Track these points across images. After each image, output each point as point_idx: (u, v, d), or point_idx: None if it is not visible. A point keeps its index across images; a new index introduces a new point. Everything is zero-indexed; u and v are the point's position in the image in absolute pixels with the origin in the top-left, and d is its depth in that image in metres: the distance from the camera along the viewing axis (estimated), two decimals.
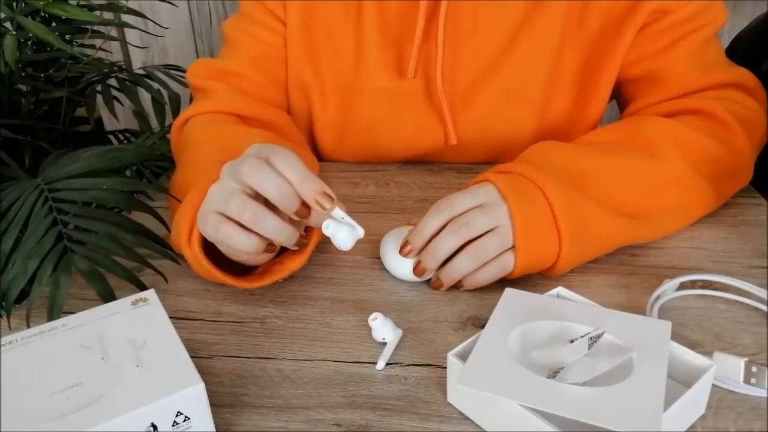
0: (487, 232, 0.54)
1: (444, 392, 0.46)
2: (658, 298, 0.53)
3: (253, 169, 0.48)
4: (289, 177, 0.48)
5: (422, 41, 0.72)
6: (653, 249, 0.62)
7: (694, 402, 0.42)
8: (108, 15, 0.84)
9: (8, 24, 0.76)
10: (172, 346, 0.42)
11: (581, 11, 0.72)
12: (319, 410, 0.45)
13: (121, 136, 1.00)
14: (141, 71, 0.94)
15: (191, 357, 0.41)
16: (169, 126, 0.80)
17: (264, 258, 0.55)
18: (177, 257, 0.56)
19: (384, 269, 0.60)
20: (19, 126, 0.79)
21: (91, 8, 0.79)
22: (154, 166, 0.78)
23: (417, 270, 0.56)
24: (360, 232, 0.50)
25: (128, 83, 0.91)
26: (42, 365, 0.41)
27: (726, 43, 0.87)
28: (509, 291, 0.50)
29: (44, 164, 0.65)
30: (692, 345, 0.49)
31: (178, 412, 0.39)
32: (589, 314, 0.47)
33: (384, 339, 0.51)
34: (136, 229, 0.54)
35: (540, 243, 0.54)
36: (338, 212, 0.50)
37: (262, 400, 0.46)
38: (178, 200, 0.58)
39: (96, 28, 0.83)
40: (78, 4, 0.79)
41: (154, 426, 0.38)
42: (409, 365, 0.49)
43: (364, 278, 0.60)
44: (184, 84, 0.92)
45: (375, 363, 0.49)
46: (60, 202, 0.54)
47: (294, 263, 0.56)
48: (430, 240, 0.56)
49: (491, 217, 0.54)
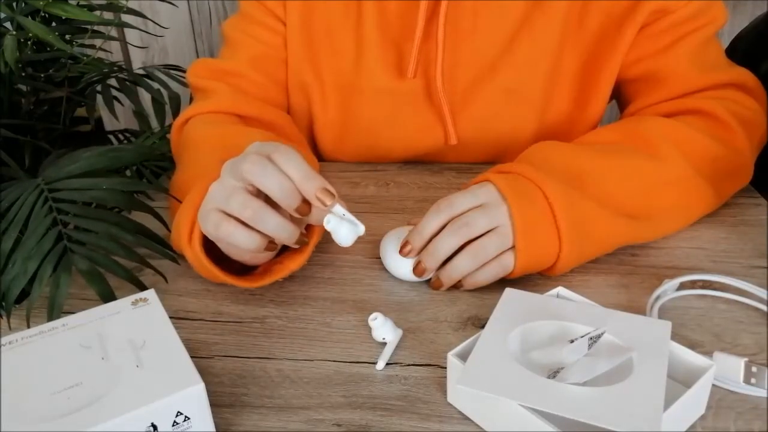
0: (487, 232, 0.54)
1: (444, 392, 0.46)
2: (658, 298, 0.53)
3: (255, 167, 0.48)
4: (291, 174, 0.48)
5: (422, 41, 0.72)
6: (653, 249, 0.62)
7: (694, 402, 0.42)
8: (108, 15, 0.84)
9: (8, 24, 0.76)
10: (172, 346, 0.42)
11: (581, 11, 0.72)
12: (319, 410, 0.45)
13: (121, 136, 1.00)
14: (141, 71, 0.94)
15: (191, 357, 0.41)
16: (169, 126, 0.80)
17: (264, 257, 0.55)
18: (177, 257, 0.56)
19: (384, 269, 0.60)
20: (19, 126, 0.79)
21: (91, 8, 0.79)
22: (154, 166, 0.78)
23: (417, 270, 0.56)
24: (361, 229, 0.50)
25: (128, 83, 0.91)
26: (42, 365, 0.41)
27: (726, 43, 0.87)
28: (509, 291, 0.50)
29: (44, 164, 0.65)
30: (692, 345, 0.49)
31: (178, 412, 0.39)
32: (589, 314, 0.47)
33: (384, 339, 0.51)
34: (136, 229, 0.54)
35: (540, 243, 0.54)
36: (339, 209, 0.50)
37: (262, 400, 0.46)
38: (179, 200, 0.58)
39: (96, 28, 0.83)
40: (78, 4, 0.79)
41: (154, 426, 0.38)
42: (409, 365, 0.49)
43: (364, 278, 0.60)
44: (184, 84, 0.92)
45: (375, 363, 0.49)
46: (60, 202, 0.54)
47: (294, 263, 0.56)
48: (430, 240, 0.56)
49: (491, 217, 0.54)
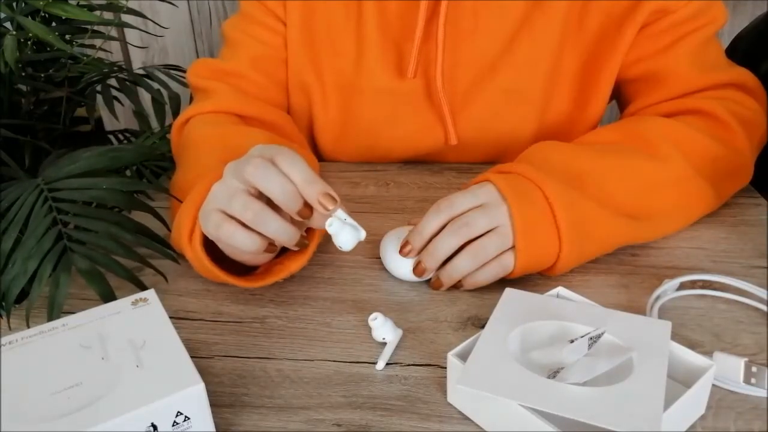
0: (487, 232, 0.54)
1: (444, 392, 0.46)
2: (658, 298, 0.53)
3: (258, 169, 0.48)
4: (294, 178, 0.48)
5: (422, 41, 0.72)
6: (653, 249, 0.62)
7: (694, 402, 0.42)
8: (108, 15, 0.84)
9: (8, 24, 0.76)
10: (172, 346, 0.42)
11: (581, 11, 0.72)
12: (319, 410, 0.45)
13: (121, 136, 0.99)
14: (141, 71, 0.94)
15: (191, 357, 0.41)
16: (169, 126, 0.80)
17: (265, 258, 0.55)
18: (177, 257, 0.56)
19: (384, 269, 0.60)
20: (19, 126, 0.78)
21: (91, 8, 0.79)
22: (154, 166, 0.78)
23: (417, 270, 0.56)
24: (362, 235, 0.50)
25: (128, 83, 0.91)
26: (42, 365, 0.41)
27: (726, 43, 0.87)
28: (509, 291, 0.50)
29: (44, 164, 0.65)
30: (692, 345, 0.49)
31: (178, 412, 0.39)
32: (589, 314, 0.47)
33: (384, 339, 0.51)
34: (136, 229, 0.54)
35: (540, 243, 0.54)
36: (341, 213, 0.50)
37: (262, 400, 0.46)
38: (179, 200, 0.58)
39: (96, 28, 0.83)
40: (78, 4, 0.79)
41: (154, 426, 0.38)
42: (409, 365, 0.49)
43: (364, 278, 0.60)
44: (184, 84, 0.92)
45: (375, 363, 0.49)
46: (60, 202, 0.54)
47: (295, 264, 0.56)
48: (430, 240, 0.56)
49: (491, 217, 0.54)
